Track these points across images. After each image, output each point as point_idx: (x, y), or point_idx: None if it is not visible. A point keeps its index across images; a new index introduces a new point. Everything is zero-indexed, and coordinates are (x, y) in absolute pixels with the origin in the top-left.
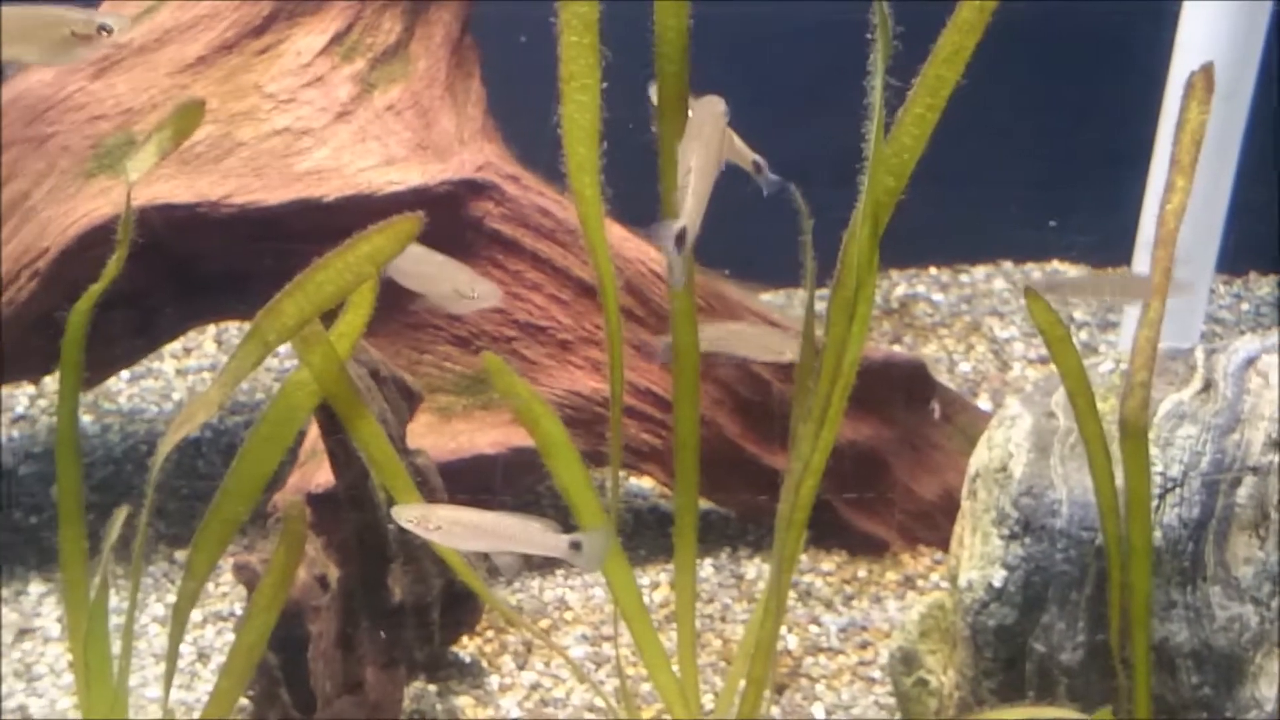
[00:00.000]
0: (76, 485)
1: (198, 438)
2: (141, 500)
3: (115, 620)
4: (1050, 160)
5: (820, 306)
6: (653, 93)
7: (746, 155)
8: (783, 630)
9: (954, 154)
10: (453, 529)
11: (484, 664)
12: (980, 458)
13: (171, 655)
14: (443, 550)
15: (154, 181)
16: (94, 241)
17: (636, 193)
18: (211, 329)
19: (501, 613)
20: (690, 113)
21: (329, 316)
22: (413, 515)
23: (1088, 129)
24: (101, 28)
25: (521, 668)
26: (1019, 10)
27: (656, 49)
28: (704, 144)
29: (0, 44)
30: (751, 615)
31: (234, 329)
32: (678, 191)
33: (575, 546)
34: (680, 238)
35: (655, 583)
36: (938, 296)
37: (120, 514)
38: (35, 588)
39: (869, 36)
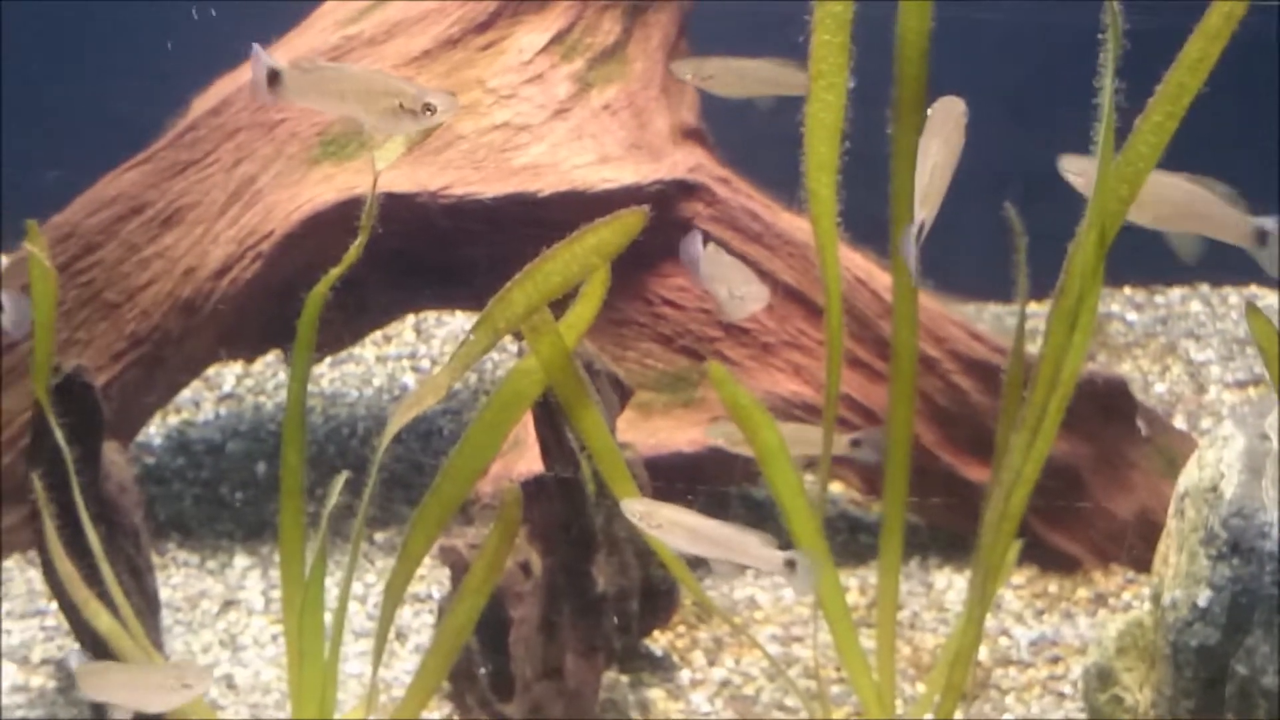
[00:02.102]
0: (300, 462)
1: None
2: (363, 478)
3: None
4: (1256, 179)
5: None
6: None
7: None
8: None
9: None
10: (673, 530)
11: (675, 658)
12: (1190, 477)
13: (382, 632)
14: (654, 542)
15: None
16: (316, 226)
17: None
18: (411, 318)
19: (710, 608)
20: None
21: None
22: (638, 510)
23: None
24: (427, 106)
25: (712, 664)
26: None
27: (898, 50)
28: (944, 142)
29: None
30: (955, 623)
31: (432, 318)
32: (916, 186)
33: (790, 565)
34: (917, 231)
35: (845, 587)
36: (1132, 316)
37: (340, 479)
38: (240, 560)
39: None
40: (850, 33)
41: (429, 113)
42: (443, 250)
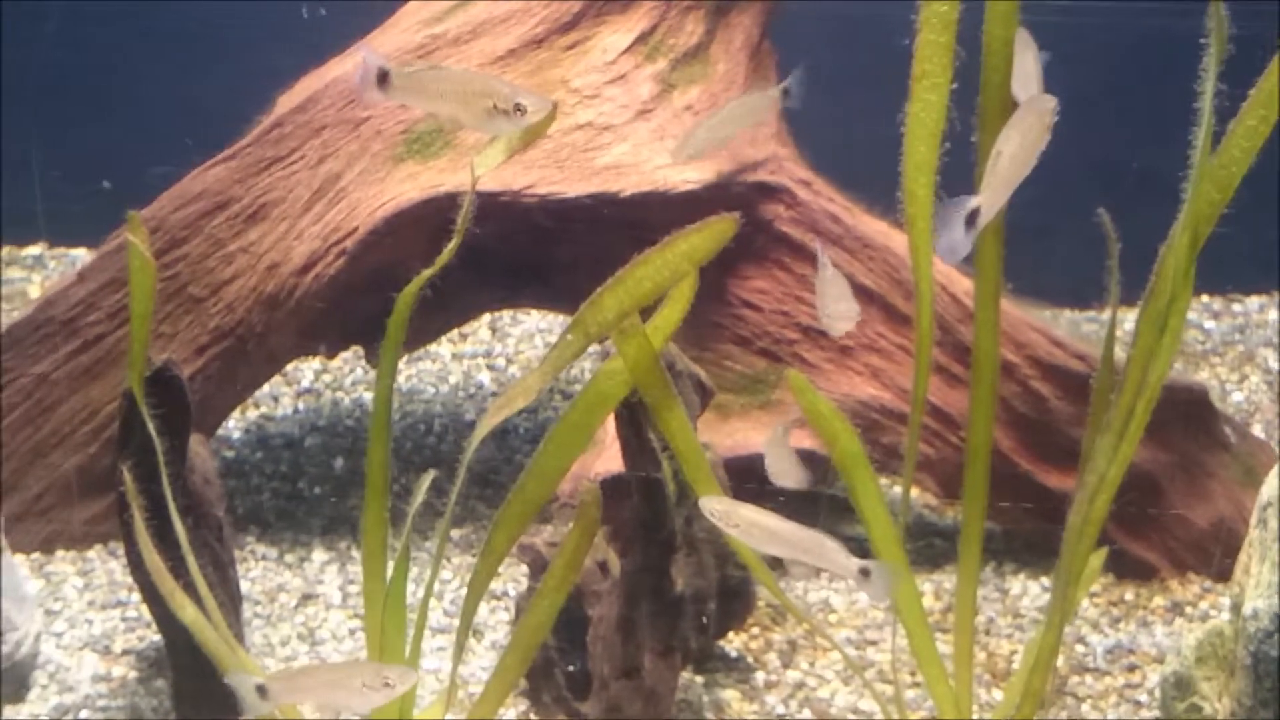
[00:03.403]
0: (385, 458)
1: (473, 421)
2: (452, 474)
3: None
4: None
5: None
6: None
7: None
8: None
9: None
10: (751, 530)
11: (750, 660)
12: (1272, 487)
13: (463, 629)
14: (735, 542)
15: (461, 169)
16: (400, 224)
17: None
18: (486, 316)
19: (790, 609)
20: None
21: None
22: (718, 509)
23: None
24: (518, 106)
25: (787, 666)
26: None
27: (984, 58)
28: (1021, 134)
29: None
30: (1030, 629)
31: (507, 317)
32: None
33: (865, 573)
34: (971, 217)
35: (920, 592)
36: (1209, 324)
37: (427, 477)
38: (318, 555)
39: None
40: (955, 33)
41: (520, 113)
42: (524, 249)
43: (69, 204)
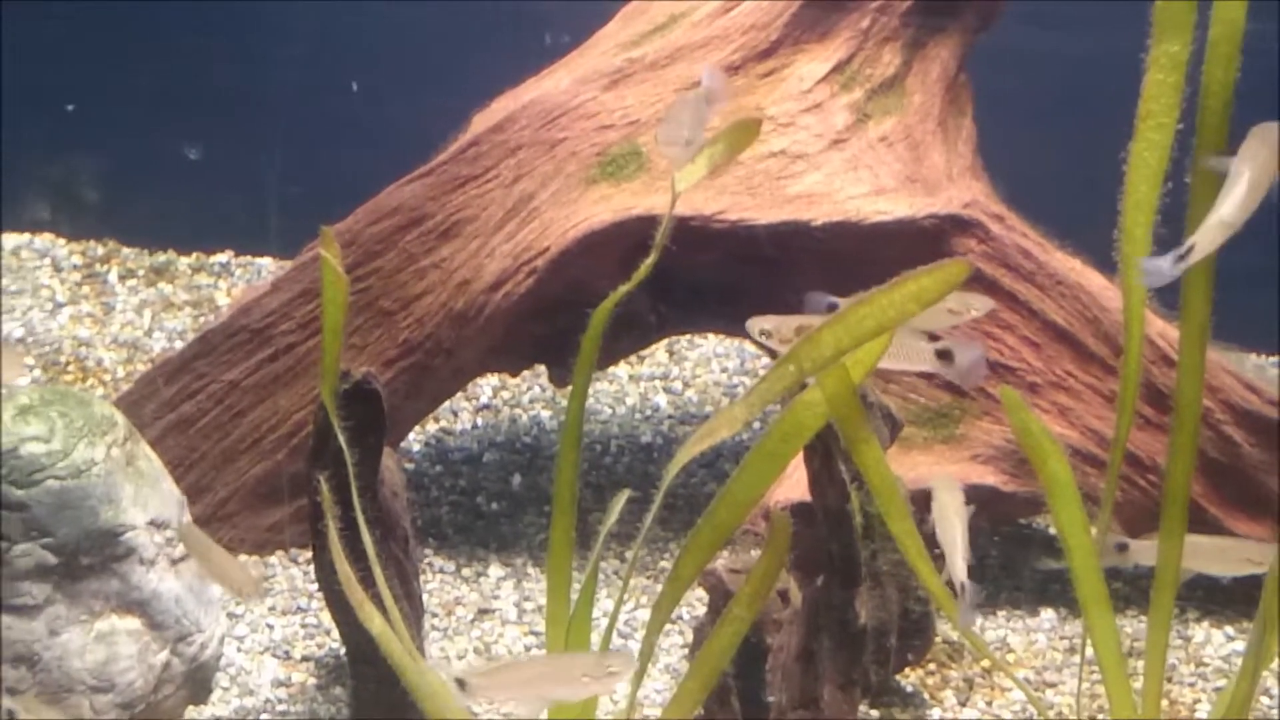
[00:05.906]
0: (574, 477)
1: (649, 442)
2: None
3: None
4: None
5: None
6: None
7: None
8: None
9: None
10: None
11: (926, 696)
12: None
13: (645, 652)
14: (927, 578)
15: (654, 192)
16: (590, 245)
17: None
18: (665, 339)
19: (974, 643)
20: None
21: None
22: (941, 482)
23: None
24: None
25: (963, 704)
26: None
27: (1201, 100)
28: (1256, 168)
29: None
30: (1213, 678)
31: (684, 341)
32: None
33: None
34: (1186, 252)
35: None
36: None
37: (621, 497)
38: (495, 570)
39: None
40: (1184, 74)
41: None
42: (713, 274)
43: (264, 213)
